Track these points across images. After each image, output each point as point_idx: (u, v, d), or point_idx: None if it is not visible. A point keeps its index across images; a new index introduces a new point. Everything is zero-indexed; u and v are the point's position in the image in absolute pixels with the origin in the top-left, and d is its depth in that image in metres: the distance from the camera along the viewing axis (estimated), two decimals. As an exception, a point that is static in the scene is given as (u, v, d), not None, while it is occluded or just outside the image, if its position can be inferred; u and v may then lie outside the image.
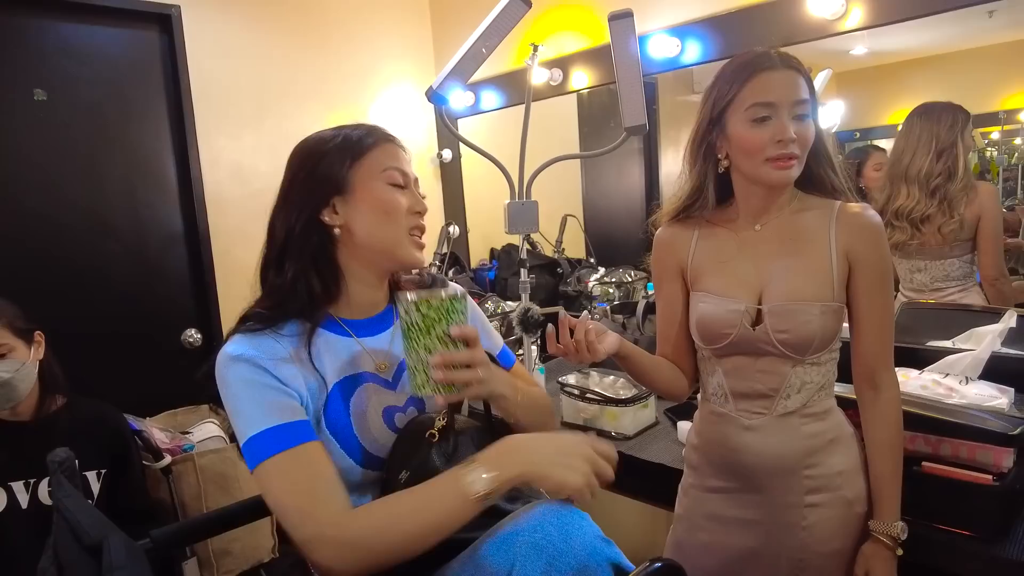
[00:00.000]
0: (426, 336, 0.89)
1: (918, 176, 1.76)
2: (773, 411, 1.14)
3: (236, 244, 2.43)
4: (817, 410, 1.14)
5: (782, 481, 1.14)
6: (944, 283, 1.82)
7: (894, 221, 1.80)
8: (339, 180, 0.99)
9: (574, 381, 1.88)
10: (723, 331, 1.14)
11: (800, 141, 1.06)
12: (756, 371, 1.15)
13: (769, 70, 1.07)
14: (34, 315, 1.72)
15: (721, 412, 1.20)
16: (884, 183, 1.85)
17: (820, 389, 1.15)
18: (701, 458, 1.25)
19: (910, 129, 1.80)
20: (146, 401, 2.17)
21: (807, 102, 1.07)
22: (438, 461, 0.93)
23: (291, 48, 2.60)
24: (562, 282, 2.76)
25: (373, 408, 1.00)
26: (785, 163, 1.07)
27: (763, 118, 1.06)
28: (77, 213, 2.17)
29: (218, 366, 0.94)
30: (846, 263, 1.12)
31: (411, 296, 0.89)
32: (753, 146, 1.08)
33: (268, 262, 1.03)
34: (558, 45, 2.57)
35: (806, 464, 1.13)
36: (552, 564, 0.75)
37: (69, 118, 2.14)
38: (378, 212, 0.99)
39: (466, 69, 1.59)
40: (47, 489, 1.61)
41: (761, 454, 1.15)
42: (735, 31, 2.03)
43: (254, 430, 0.89)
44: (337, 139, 1.01)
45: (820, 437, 1.14)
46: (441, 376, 0.89)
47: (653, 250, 1.27)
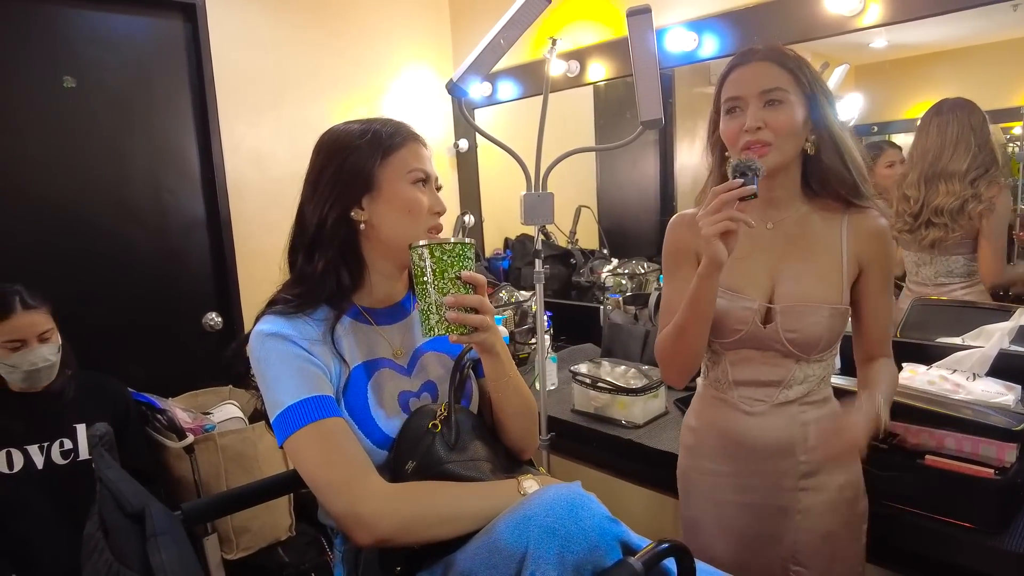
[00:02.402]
0: (439, 278, 0.95)
1: (957, 172, 1.74)
2: (774, 400, 1.18)
3: (256, 229, 2.48)
4: (816, 398, 1.19)
5: (778, 465, 1.18)
6: (947, 278, 1.83)
7: (933, 219, 1.78)
8: (368, 178, 1.03)
9: (585, 370, 1.91)
10: (734, 327, 1.17)
11: (771, 126, 1.08)
12: (761, 363, 1.18)
13: (739, 67, 1.13)
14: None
15: (723, 398, 1.24)
16: (916, 184, 1.81)
17: (820, 381, 1.19)
18: (699, 440, 1.28)
19: (943, 127, 1.77)
20: (168, 382, 2.22)
21: (779, 90, 1.09)
22: (442, 451, 0.98)
23: (311, 37, 2.63)
24: (575, 273, 2.79)
25: (389, 392, 1.04)
26: (757, 150, 1.09)
27: (732, 109, 1.12)
28: (102, 198, 2.22)
29: (252, 343, 0.99)
30: (856, 267, 1.15)
31: (425, 242, 0.95)
32: (729, 138, 1.13)
33: (297, 248, 1.07)
34: (576, 35, 2.58)
35: (802, 449, 1.17)
36: (564, 546, 0.78)
37: (96, 105, 2.19)
38: (402, 211, 1.03)
39: (486, 62, 1.60)
40: (59, 450, 1.75)
41: (760, 438, 1.19)
42: (752, 26, 2.03)
43: (290, 400, 0.93)
44: (367, 136, 1.04)
45: (816, 424, 1.18)
46: (454, 316, 0.94)
47: (668, 235, 1.27)
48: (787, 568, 1.19)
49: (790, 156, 1.12)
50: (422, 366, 1.11)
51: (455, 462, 0.98)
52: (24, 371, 1.67)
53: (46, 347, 1.70)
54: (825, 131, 1.12)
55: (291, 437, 0.93)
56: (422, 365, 1.11)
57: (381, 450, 1.01)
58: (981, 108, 1.76)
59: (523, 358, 2.45)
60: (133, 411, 1.94)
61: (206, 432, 1.98)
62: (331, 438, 0.94)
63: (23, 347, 1.67)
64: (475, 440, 1.03)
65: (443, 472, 0.96)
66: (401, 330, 1.11)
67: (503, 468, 1.05)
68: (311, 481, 0.93)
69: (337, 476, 0.91)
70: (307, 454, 0.93)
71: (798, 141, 1.12)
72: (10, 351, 1.66)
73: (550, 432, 1.81)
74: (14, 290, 1.69)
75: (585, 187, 2.86)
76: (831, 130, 1.12)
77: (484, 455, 1.02)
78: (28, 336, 1.67)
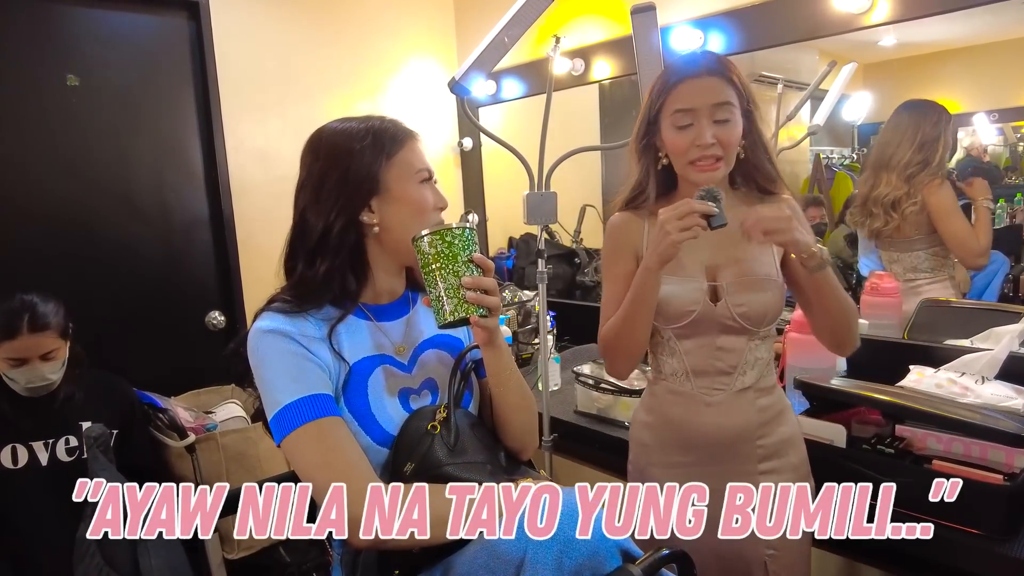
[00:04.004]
0: (453, 262, 0.96)
1: (898, 165, 1.83)
2: (732, 387, 1.23)
3: (259, 228, 2.47)
4: (766, 385, 1.25)
5: (738, 451, 1.23)
6: (914, 274, 1.89)
7: (872, 208, 1.89)
8: (375, 181, 1.02)
9: (588, 371, 1.90)
10: (686, 308, 1.21)
11: (722, 143, 1.14)
12: (716, 349, 1.23)
13: (691, 78, 1.15)
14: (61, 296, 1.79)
15: (680, 391, 1.27)
16: (867, 173, 1.93)
17: (767, 365, 1.25)
18: (654, 436, 1.31)
19: (897, 122, 1.87)
20: (171, 381, 2.22)
21: (728, 105, 1.14)
22: (441, 453, 0.97)
23: (315, 35, 2.62)
24: (579, 272, 2.77)
25: (389, 389, 1.04)
26: (707, 165, 1.15)
27: (685, 125, 1.15)
28: (105, 196, 2.22)
29: (251, 340, 0.98)
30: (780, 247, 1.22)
31: (429, 230, 0.96)
32: (677, 149, 1.17)
33: (296, 254, 1.05)
34: (581, 31, 2.56)
35: (759, 435, 1.23)
36: (564, 551, 0.77)
37: (99, 103, 2.18)
38: (412, 211, 1.04)
39: (489, 60, 1.59)
40: (64, 448, 1.75)
41: (720, 426, 1.23)
42: (758, 24, 2.01)
43: (287, 398, 0.93)
44: (367, 138, 1.03)
45: (769, 410, 1.24)
46: (474, 296, 0.95)
47: (606, 235, 1.33)
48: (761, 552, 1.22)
49: (732, 165, 1.20)
50: (423, 363, 1.10)
51: (454, 464, 0.97)
52: (23, 385, 1.69)
53: (47, 366, 1.70)
54: (760, 138, 1.20)
55: (288, 436, 0.92)
56: (423, 362, 1.10)
57: (381, 448, 1.00)
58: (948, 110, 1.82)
59: (526, 358, 2.44)
60: (139, 412, 1.94)
61: (208, 431, 1.98)
62: (328, 438, 0.93)
63: (24, 364, 1.67)
64: (474, 442, 1.02)
65: (442, 475, 0.95)
66: (402, 327, 1.10)
67: (503, 470, 1.04)
68: (307, 480, 0.92)
69: (334, 476, 0.90)
70: (304, 454, 0.93)
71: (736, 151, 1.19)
72: (11, 367, 1.67)
73: (553, 433, 1.80)
74: (26, 306, 1.68)
75: (590, 186, 2.85)
76: (759, 135, 1.20)
77: (483, 457, 1.01)
78: (30, 356, 1.67)
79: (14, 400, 1.71)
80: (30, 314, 1.67)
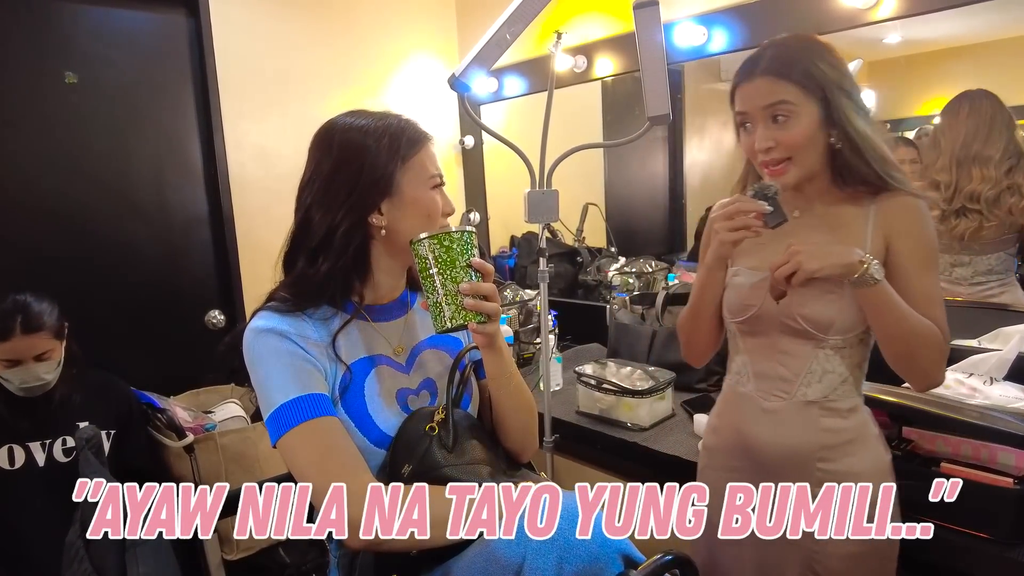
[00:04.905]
0: (451, 267, 0.94)
1: (992, 158, 1.67)
2: (793, 396, 1.15)
3: (259, 226, 2.46)
4: (840, 406, 1.13)
5: (793, 469, 1.15)
6: (986, 277, 1.76)
7: (968, 205, 1.69)
8: (389, 183, 1.00)
9: (591, 371, 1.88)
10: (748, 302, 1.18)
11: (782, 144, 1.09)
12: (778, 352, 1.17)
13: (743, 83, 1.13)
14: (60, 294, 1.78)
15: (742, 392, 1.23)
16: (948, 168, 1.74)
17: (843, 382, 1.14)
18: (718, 439, 1.28)
19: (977, 109, 1.71)
20: (169, 381, 2.21)
21: (784, 104, 1.08)
22: (439, 455, 0.96)
23: (315, 32, 2.60)
24: (581, 271, 2.75)
25: (387, 389, 1.02)
26: (774, 170, 1.11)
27: (744, 125, 1.14)
28: (104, 194, 2.20)
29: (247, 339, 0.97)
30: (883, 244, 1.11)
31: (428, 234, 0.94)
32: (747, 153, 1.16)
33: (297, 250, 1.03)
34: (583, 28, 2.54)
35: (819, 457, 1.13)
36: (564, 556, 0.76)
37: (98, 100, 2.17)
38: (422, 216, 1.02)
39: (490, 56, 1.57)
40: (61, 448, 1.74)
41: (772, 443, 1.16)
42: (763, 20, 1.99)
43: (284, 398, 0.91)
44: (384, 138, 1.00)
45: (838, 434, 1.13)
46: (472, 303, 0.93)
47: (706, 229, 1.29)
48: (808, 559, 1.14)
49: (812, 163, 1.11)
50: (421, 363, 1.09)
51: (453, 466, 0.96)
52: (17, 386, 1.68)
53: (42, 366, 1.69)
54: (842, 131, 1.08)
55: (284, 436, 0.91)
56: (421, 362, 1.09)
57: (379, 449, 0.98)
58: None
59: (527, 358, 2.42)
60: (137, 411, 1.93)
61: (206, 431, 1.97)
62: (325, 438, 0.92)
63: (19, 365, 1.66)
64: (473, 443, 1.00)
65: (441, 476, 0.94)
66: (400, 327, 1.09)
67: (502, 472, 1.02)
68: (303, 481, 0.91)
69: (330, 477, 0.89)
70: (300, 454, 0.91)
71: (818, 146, 1.10)
72: (5, 367, 1.66)
73: (554, 434, 1.78)
74: (19, 307, 1.67)
75: (593, 184, 2.83)
76: (850, 128, 1.08)
77: (482, 458, 1.00)
78: (24, 357, 1.67)
79: (10, 400, 1.70)
80: (23, 315, 1.66)
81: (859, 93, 1.11)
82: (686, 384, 1.98)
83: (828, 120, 1.09)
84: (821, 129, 1.09)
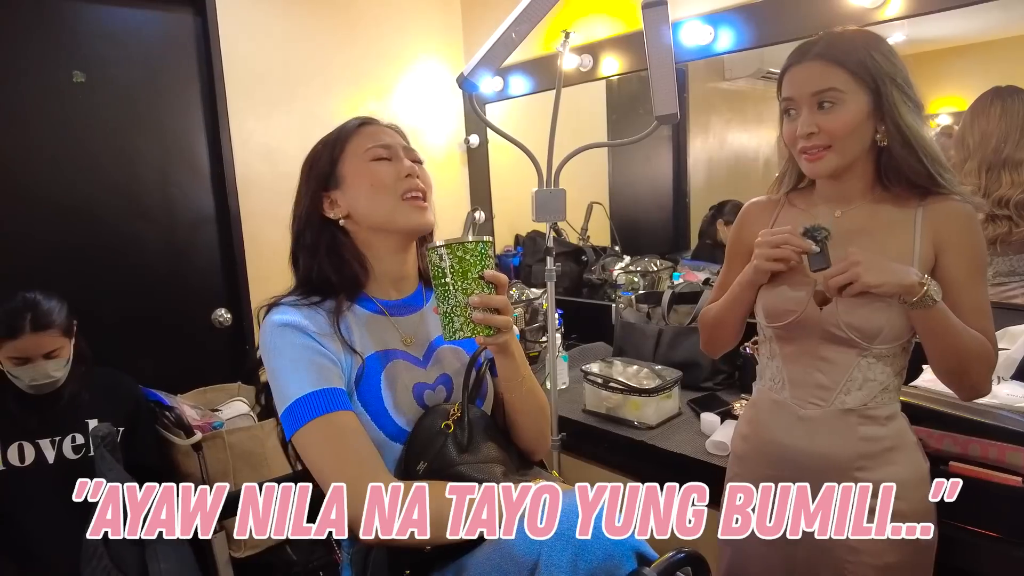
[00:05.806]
0: (463, 279, 0.93)
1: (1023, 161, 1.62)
2: (831, 404, 1.12)
3: (265, 225, 2.46)
4: (878, 414, 1.10)
5: (829, 479, 1.11)
6: (1008, 278, 1.72)
7: (996, 211, 1.64)
8: (329, 174, 1.06)
9: (597, 370, 1.88)
10: (789, 307, 1.13)
11: (825, 131, 1.05)
12: (818, 359, 1.13)
13: (793, 65, 1.10)
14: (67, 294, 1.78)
15: (776, 399, 1.19)
16: (977, 172, 1.69)
17: (884, 390, 1.11)
18: (749, 447, 1.23)
19: (1009, 111, 1.66)
20: (177, 379, 2.21)
21: (833, 91, 1.05)
22: (454, 452, 0.96)
23: (321, 31, 2.61)
24: (587, 270, 2.76)
25: (403, 384, 1.03)
26: (812, 155, 1.08)
27: (788, 111, 1.11)
28: (110, 193, 2.21)
29: (264, 332, 0.98)
30: (932, 253, 1.07)
31: (443, 241, 0.94)
32: (787, 139, 1.12)
33: (296, 255, 1.10)
34: (589, 28, 2.54)
35: (857, 466, 1.10)
36: (578, 554, 0.76)
37: (105, 99, 2.17)
38: (366, 188, 1.04)
39: (497, 56, 1.58)
40: (71, 445, 1.75)
41: (809, 452, 1.12)
42: (770, 19, 1.99)
43: (299, 392, 0.92)
44: (330, 137, 1.09)
45: (877, 443, 1.10)
46: (481, 317, 0.93)
47: (737, 220, 1.31)
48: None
49: (853, 155, 1.08)
50: (438, 358, 1.09)
51: (467, 464, 0.96)
52: (27, 383, 1.69)
53: (51, 363, 1.69)
54: (892, 123, 1.05)
55: (299, 430, 0.91)
56: (438, 357, 1.09)
57: (395, 443, 0.99)
58: None
59: (534, 356, 2.43)
60: (144, 409, 1.93)
61: (214, 429, 1.97)
62: (340, 432, 0.92)
63: (28, 363, 1.67)
64: (488, 441, 1.01)
65: (455, 474, 0.95)
66: (415, 321, 1.10)
67: (515, 470, 1.03)
68: (318, 476, 0.91)
69: (345, 471, 0.89)
70: (315, 448, 0.92)
71: (862, 138, 1.07)
72: (14, 364, 1.67)
73: (561, 432, 1.78)
74: (28, 305, 1.67)
75: (597, 183, 2.83)
76: (901, 121, 1.05)
77: (496, 457, 1.00)
78: (34, 355, 1.67)
79: (20, 398, 1.70)
80: (32, 313, 1.66)
81: (915, 90, 1.07)
82: (693, 383, 1.98)
83: (877, 112, 1.05)
84: (868, 121, 1.06)
